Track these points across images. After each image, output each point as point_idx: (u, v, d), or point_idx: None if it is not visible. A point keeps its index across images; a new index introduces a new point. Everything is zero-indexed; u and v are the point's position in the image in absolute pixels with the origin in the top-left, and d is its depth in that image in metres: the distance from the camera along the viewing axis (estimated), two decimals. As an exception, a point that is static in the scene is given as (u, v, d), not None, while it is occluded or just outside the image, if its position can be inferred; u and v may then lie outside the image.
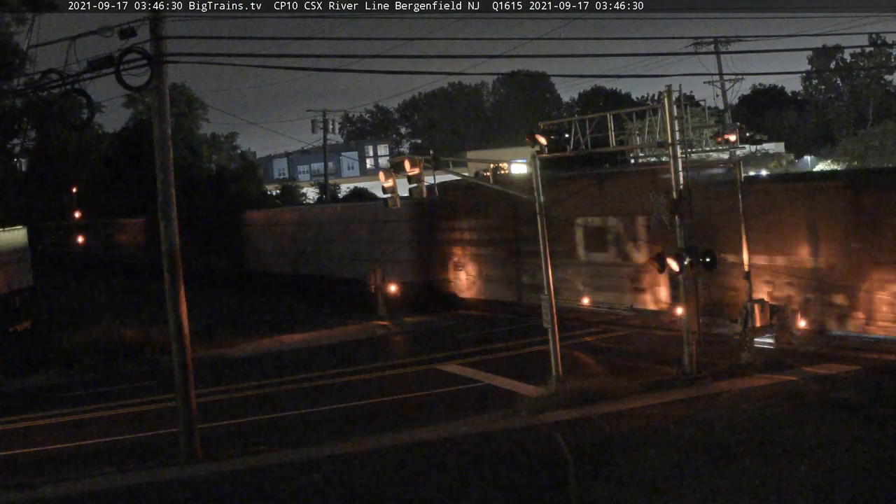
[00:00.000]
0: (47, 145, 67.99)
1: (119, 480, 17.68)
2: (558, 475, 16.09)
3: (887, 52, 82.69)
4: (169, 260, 18.86)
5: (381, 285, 36.66)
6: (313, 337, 34.01)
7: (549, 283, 21.98)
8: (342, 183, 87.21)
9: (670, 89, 22.77)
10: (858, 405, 18.90)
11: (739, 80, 59.23)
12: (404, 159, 22.49)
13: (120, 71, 17.41)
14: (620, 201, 31.20)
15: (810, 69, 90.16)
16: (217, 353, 31.58)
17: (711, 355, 23.45)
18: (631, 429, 18.62)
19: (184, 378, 18.82)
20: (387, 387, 24.83)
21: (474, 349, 28.93)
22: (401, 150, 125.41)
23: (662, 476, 15.47)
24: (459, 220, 39.01)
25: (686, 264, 22.04)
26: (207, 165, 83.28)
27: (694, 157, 25.17)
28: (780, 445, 16.58)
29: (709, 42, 56.34)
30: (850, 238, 24.47)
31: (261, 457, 18.66)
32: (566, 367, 22.10)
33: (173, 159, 18.99)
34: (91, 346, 31.57)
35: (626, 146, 26.26)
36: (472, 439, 18.80)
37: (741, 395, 20.38)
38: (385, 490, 16.14)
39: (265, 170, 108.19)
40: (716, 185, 27.27)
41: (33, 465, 19.36)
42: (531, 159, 22.84)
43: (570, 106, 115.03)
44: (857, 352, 23.63)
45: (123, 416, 23.47)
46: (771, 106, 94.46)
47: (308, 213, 55.27)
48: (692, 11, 48.28)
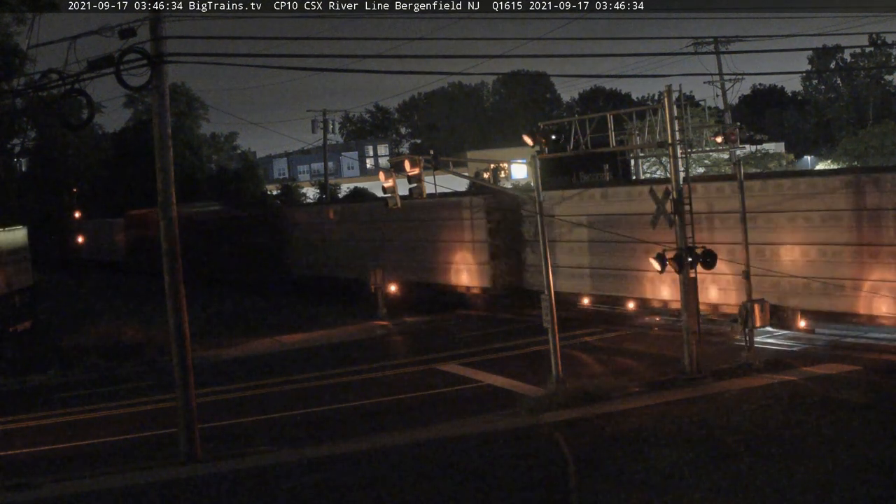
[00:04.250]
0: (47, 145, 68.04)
1: (119, 480, 17.67)
2: (558, 475, 16.09)
3: (887, 52, 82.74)
4: (169, 260, 18.85)
5: (380, 285, 36.64)
6: (313, 337, 33.99)
7: (548, 283, 21.98)
8: (342, 183, 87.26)
9: (670, 89, 22.76)
10: (858, 405, 18.89)
11: (739, 80, 59.32)
12: (404, 159, 22.53)
13: (120, 71, 17.42)
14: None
15: (810, 69, 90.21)
16: (217, 353, 31.57)
17: (711, 355, 23.45)
18: (631, 429, 18.62)
19: (184, 378, 18.81)
20: (387, 387, 24.83)
21: (474, 349, 28.92)
22: (401, 150, 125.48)
23: (662, 476, 15.46)
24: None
25: (686, 264, 22.07)
26: (207, 165, 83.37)
27: (694, 156, 25.15)
28: (780, 445, 16.57)
29: (709, 42, 56.38)
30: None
31: (261, 457, 18.66)
32: (566, 366, 22.11)
33: (173, 159, 18.99)
34: (91, 346, 31.58)
35: (626, 146, 26.26)
36: (471, 439, 18.79)
37: (741, 395, 20.37)
38: (385, 490, 16.13)
39: (265, 170, 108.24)
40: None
41: (33, 465, 19.35)
42: (531, 159, 22.85)
43: (570, 106, 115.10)
44: (857, 352, 23.64)
45: (123, 416, 23.46)
46: (771, 106, 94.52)
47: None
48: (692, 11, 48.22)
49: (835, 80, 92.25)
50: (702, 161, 56.06)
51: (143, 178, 60.05)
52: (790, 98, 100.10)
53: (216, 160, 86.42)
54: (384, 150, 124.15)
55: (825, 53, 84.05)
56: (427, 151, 26.07)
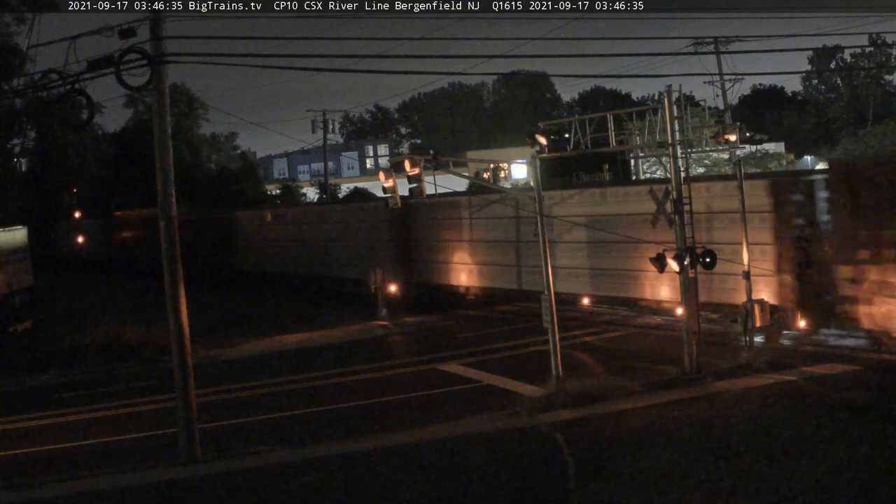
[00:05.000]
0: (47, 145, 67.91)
1: (119, 480, 17.68)
2: (558, 475, 16.09)
3: (887, 52, 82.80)
4: (169, 260, 18.85)
5: (381, 285, 36.63)
6: (313, 337, 33.99)
7: (548, 283, 21.97)
8: (342, 183, 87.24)
9: (670, 89, 22.77)
10: (858, 405, 18.87)
11: (739, 80, 59.35)
12: (404, 159, 22.49)
13: (120, 71, 17.42)
14: None
15: (810, 69, 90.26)
16: (217, 353, 31.57)
17: (711, 355, 23.46)
18: (631, 429, 18.62)
19: (184, 378, 18.82)
20: (387, 387, 24.83)
21: (474, 349, 28.92)
22: (401, 150, 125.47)
23: (662, 476, 15.46)
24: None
25: (686, 264, 22.06)
26: (208, 165, 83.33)
27: (694, 156, 25.19)
28: (780, 445, 16.58)
29: (709, 42, 56.38)
30: None
31: (261, 457, 18.66)
32: (566, 366, 22.10)
33: (173, 159, 18.99)
34: (91, 346, 31.58)
35: (626, 146, 26.27)
36: (472, 439, 18.79)
37: (741, 395, 20.38)
38: (385, 490, 16.14)
39: (265, 170, 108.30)
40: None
41: (33, 465, 19.36)
42: (531, 159, 22.84)
43: (570, 106, 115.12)
44: (857, 352, 23.65)
45: (123, 416, 23.47)
46: (771, 106, 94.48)
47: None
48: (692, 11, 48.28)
49: (835, 80, 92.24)
50: (702, 161, 56.10)
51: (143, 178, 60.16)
52: (790, 98, 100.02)
53: (216, 160, 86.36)
54: (384, 150, 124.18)
55: (825, 53, 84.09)
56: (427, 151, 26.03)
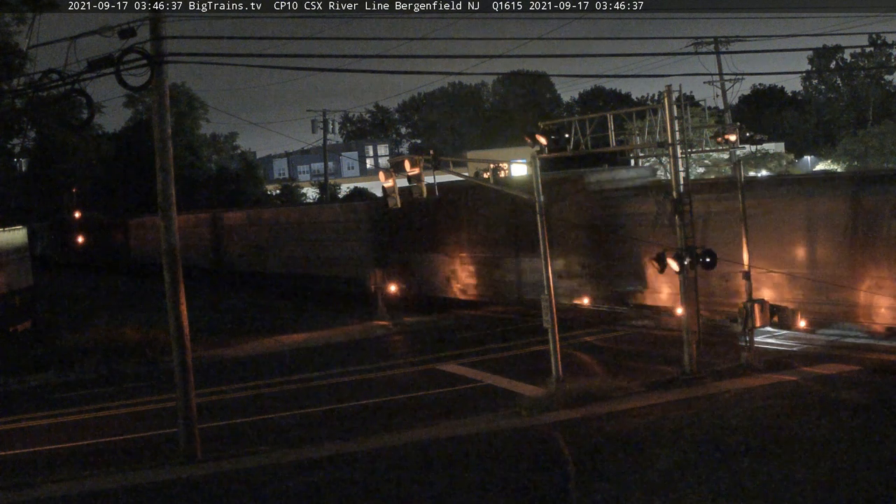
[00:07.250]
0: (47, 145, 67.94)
1: (119, 480, 17.68)
2: (558, 475, 16.09)
3: (887, 52, 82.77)
4: (169, 260, 18.85)
5: (380, 285, 36.62)
6: (313, 337, 34.00)
7: (548, 283, 21.97)
8: (342, 183, 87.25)
9: (670, 89, 22.75)
10: (858, 405, 18.89)
11: (739, 80, 59.33)
12: (404, 159, 22.46)
13: (120, 71, 17.41)
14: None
15: (810, 69, 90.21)
16: (217, 353, 31.57)
17: (711, 355, 23.45)
18: (631, 429, 18.62)
19: (184, 378, 18.81)
20: (387, 387, 24.82)
21: (474, 349, 28.92)
22: (401, 150, 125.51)
23: (662, 476, 15.46)
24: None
25: (686, 264, 22.05)
26: (208, 165, 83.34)
27: (694, 156, 25.18)
28: (780, 445, 16.58)
29: (709, 42, 56.35)
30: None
31: (261, 457, 18.66)
32: (566, 367, 22.10)
33: (173, 159, 18.99)
34: (91, 346, 31.57)
35: (626, 146, 26.26)
36: (472, 439, 18.79)
37: (741, 395, 20.37)
38: (385, 490, 16.14)
39: (265, 170, 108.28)
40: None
41: (33, 465, 19.35)
42: (531, 159, 22.83)
43: (570, 106, 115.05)
44: (857, 352, 23.65)
45: (123, 416, 23.46)
46: (771, 106, 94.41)
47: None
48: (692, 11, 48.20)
49: (835, 80, 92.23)
50: (702, 161, 56.10)
51: (143, 178, 60.23)
52: (790, 98, 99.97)
53: (216, 160, 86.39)
54: (384, 150, 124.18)
55: (825, 53, 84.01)
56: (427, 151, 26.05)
